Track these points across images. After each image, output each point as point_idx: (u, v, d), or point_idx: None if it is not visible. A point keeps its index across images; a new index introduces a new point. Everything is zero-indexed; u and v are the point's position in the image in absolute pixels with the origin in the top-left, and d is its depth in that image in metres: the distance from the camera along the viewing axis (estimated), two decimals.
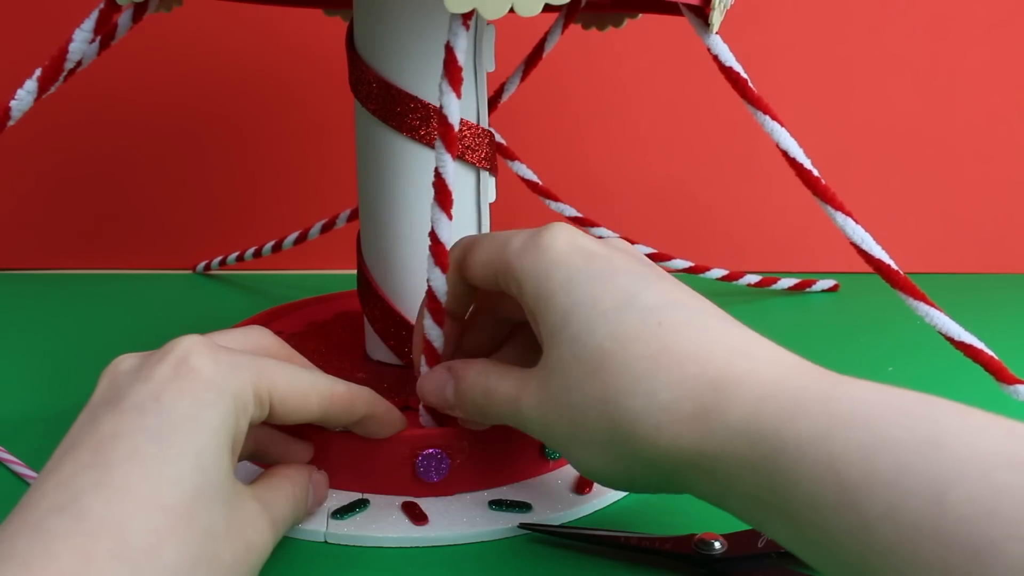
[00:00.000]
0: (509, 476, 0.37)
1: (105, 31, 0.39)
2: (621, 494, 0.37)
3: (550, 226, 0.31)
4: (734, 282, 0.66)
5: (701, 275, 0.66)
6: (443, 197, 0.32)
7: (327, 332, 0.48)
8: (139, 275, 0.73)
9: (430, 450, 0.35)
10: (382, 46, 0.39)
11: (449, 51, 0.32)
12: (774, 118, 0.39)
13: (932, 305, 0.39)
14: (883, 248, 0.39)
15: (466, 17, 0.31)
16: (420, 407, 0.36)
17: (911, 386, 0.24)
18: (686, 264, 0.65)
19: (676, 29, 0.68)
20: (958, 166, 0.73)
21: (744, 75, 0.39)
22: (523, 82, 0.56)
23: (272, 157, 0.73)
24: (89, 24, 0.36)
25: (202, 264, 0.72)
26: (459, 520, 0.34)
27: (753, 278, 0.67)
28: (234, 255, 0.70)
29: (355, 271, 0.44)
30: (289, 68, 0.71)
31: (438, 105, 0.32)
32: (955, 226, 0.74)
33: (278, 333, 0.48)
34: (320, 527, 0.34)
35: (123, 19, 0.39)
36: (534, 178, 0.61)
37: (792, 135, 0.39)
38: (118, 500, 0.24)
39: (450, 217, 0.33)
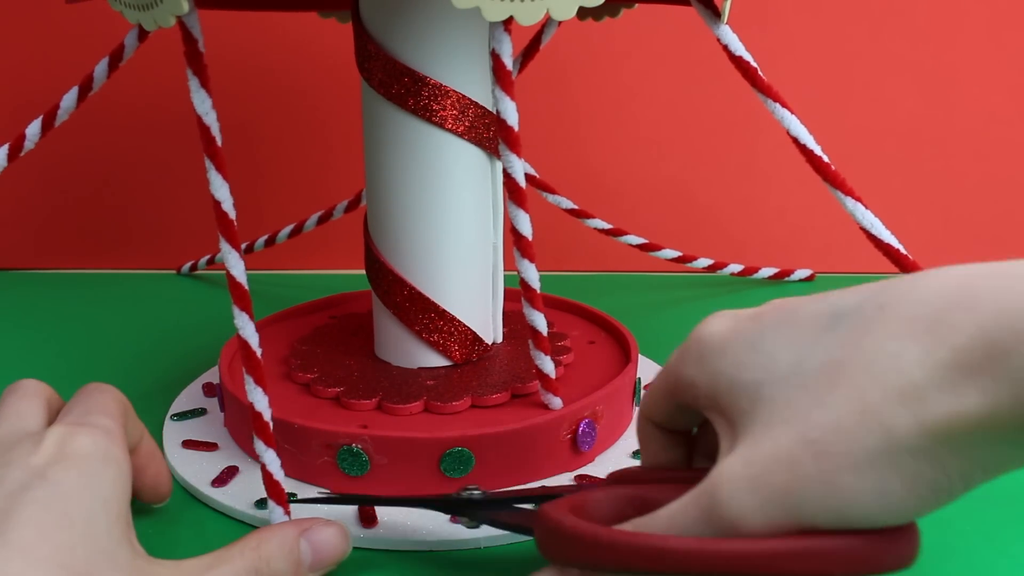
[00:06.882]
0: (534, 474, 0.38)
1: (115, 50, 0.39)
2: None
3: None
4: (718, 272, 0.68)
5: (687, 263, 0.66)
6: (519, 196, 0.34)
7: (335, 333, 0.48)
8: (151, 275, 0.72)
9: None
10: (388, 20, 0.39)
11: (496, 58, 0.33)
12: (784, 106, 0.39)
13: None
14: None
15: (507, 23, 0.31)
16: (540, 388, 0.38)
17: None
18: (675, 254, 0.66)
19: (677, 27, 0.68)
20: (958, 167, 0.72)
21: (754, 64, 0.40)
22: (521, 75, 0.56)
23: (271, 156, 0.72)
24: None
25: (187, 265, 0.71)
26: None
27: (736, 267, 0.68)
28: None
29: (350, 271, 0.44)
30: (283, 67, 0.70)
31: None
32: (955, 227, 0.73)
33: (287, 335, 0.48)
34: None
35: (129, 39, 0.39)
36: (531, 171, 0.61)
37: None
38: (18, 558, 0.24)
39: (528, 212, 0.35)
